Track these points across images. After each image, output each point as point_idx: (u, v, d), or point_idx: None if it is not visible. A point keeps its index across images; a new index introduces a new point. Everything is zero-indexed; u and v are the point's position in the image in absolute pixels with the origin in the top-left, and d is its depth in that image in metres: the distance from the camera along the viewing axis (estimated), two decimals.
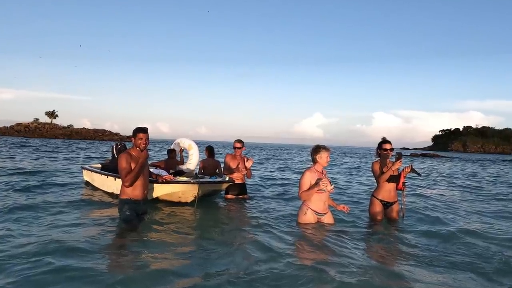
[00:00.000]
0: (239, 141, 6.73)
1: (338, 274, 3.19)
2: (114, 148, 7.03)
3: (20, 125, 74.08)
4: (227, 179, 6.42)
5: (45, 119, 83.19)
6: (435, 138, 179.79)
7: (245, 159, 6.67)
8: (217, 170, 7.31)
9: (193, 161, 8.21)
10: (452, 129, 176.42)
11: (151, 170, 5.63)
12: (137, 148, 4.30)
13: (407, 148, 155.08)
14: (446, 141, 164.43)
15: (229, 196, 6.82)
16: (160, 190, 5.97)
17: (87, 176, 8.32)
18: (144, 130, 4.32)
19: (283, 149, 67.62)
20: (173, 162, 8.03)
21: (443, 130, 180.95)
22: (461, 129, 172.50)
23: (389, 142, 5.10)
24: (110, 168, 7.17)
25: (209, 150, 7.52)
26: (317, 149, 4.69)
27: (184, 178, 6.13)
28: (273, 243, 4.10)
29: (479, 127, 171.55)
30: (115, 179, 6.58)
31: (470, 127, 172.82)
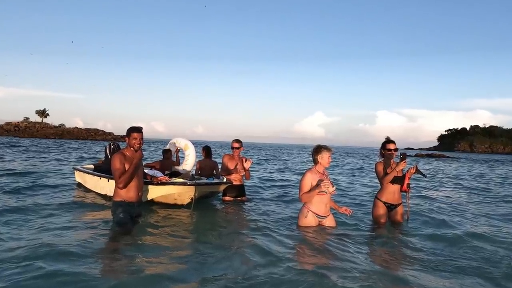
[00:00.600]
0: (237, 141, 6.66)
1: (340, 279, 3.14)
2: (108, 148, 6.97)
3: (10, 124, 72.10)
4: (224, 180, 6.34)
5: (36, 118, 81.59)
6: (441, 138, 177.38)
7: (244, 160, 6.59)
8: (214, 171, 7.26)
9: (189, 162, 8.16)
10: (459, 129, 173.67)
11: (145, 171, 5.55)
12: (131, 148, 4.24)
13: (412, 148, 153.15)
14: (452, 141, 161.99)
15: (227, 198, 6.74)
16: (155, 192, 5.90)
17: (79, 177, 8.24)
18: (138, 130, 4.26)
19: (283, 149, 67.83)
20: (168, 162, 7.98)
21: (449, 130, 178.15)
22: (468, 129, 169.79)
23: (393, 142, 5.04)
24: (103, 169, 7.12)
25: (206, 150, 7.45)
26: (318, 149, 4.64)
27: (180, 180, 6.06)
28: (272, 247, 4.05)
29: (486, 126, 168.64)
30: (108, 181, 6.52)
31: (477, 126, 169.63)
